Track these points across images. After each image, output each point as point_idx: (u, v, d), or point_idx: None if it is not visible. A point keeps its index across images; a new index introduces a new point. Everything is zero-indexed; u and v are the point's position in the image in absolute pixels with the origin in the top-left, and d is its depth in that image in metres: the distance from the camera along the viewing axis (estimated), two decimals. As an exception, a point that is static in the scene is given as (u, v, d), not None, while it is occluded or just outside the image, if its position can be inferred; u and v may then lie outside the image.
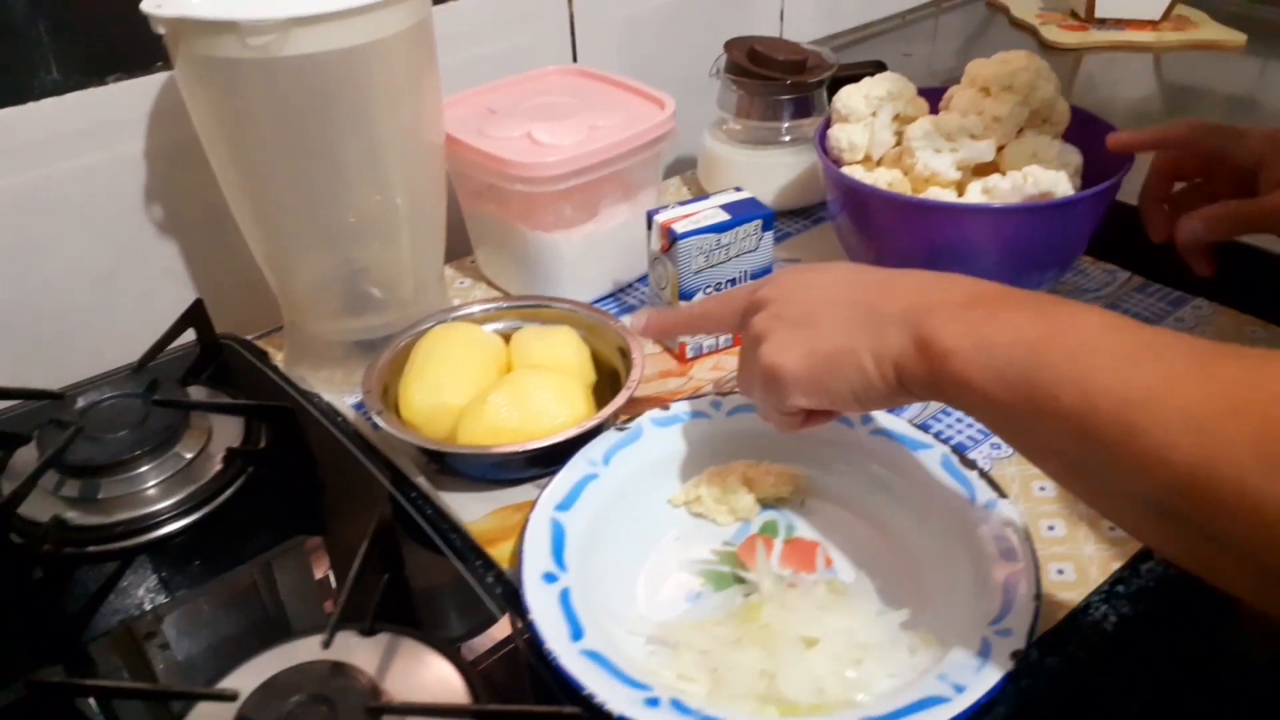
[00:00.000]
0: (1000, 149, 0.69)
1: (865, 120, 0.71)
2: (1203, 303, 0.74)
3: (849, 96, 0.71)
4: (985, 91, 0.69)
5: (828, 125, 0.75)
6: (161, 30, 0.57)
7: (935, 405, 0.66)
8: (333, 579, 0.58)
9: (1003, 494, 0.54)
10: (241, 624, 0.56)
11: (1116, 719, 0.54)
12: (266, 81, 0.57)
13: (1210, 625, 0.59)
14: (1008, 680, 0.44)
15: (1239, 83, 1.09)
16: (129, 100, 0.70)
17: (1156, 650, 0.55)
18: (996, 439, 0.63)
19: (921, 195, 0.69)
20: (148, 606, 0.55)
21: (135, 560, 0.58)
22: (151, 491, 0.60)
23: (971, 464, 0.56)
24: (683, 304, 0.66)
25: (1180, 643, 0.58)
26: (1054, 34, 1.17)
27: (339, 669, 0.46)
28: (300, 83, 0.57)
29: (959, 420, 0.65)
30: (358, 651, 0.48)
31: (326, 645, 0.46)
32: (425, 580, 0.57)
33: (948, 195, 0.68)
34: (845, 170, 0.71)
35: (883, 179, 0.70)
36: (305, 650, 0.47)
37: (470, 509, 0.59)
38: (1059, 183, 0.64)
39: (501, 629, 0.52)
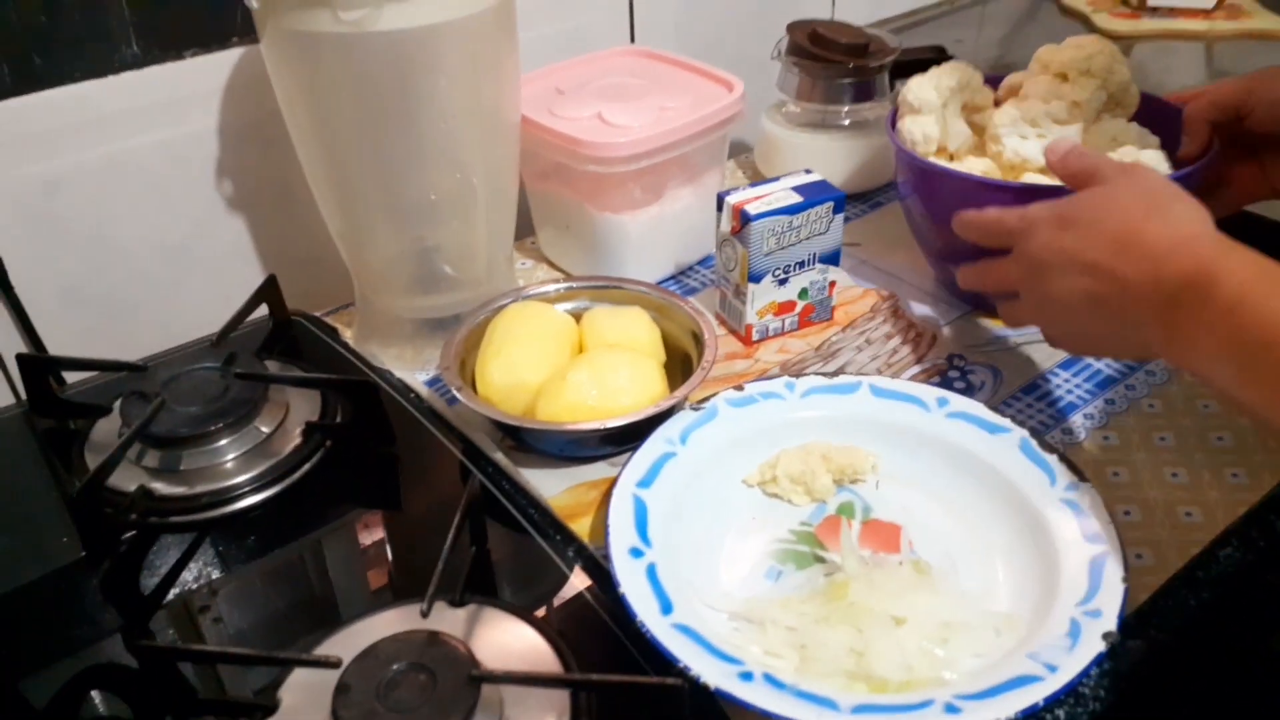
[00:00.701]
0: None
1: (937, 112, 0.70)
2: None
3: (920, 88, 0.71)
4: (1062, 77, 0.68)
5: (895, 115, 0.74)
6: (255, 4, 0.57)
7: (1005, 390, 0.66)
8: (389, 553, 0.59)
9: (1084, 477, 0.54)
10: (290, 601, 0.57)
11: (1198, 704, 0.54)
12: (354, 56, 0.57)
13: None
14: (1101, 660, 0.45)
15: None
16: (205, 75, 0.71)
17: (1237, 637, 0.55)
18: (1069, 424, 0.63)
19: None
20: (204, 581, 0.56)
21: (210, 532, 0.58)
22: (230, 464, 0.61)
23: (1052, 447, 0.56)
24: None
25: (1254, 634, 0.59)
26: (1105, 21, 1.17)
27: (436, 638, 0.46)
28: (387, 58, 0.58)
29: (1030, 405, 0.65)
30: (449, 622, 0.48)
31: (425, 614, 0.46)
32: (505, 551, 0.58)
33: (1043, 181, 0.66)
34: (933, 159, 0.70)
35: (975, 169, 0.69)
36: (400, 620, 0.48)
37: (546, 485, 0.60)
38: (1160, 163, 0.64)
39: (571, 598, 0.52)
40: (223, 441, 0.61)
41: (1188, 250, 0.47)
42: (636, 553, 0.51)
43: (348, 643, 0.47)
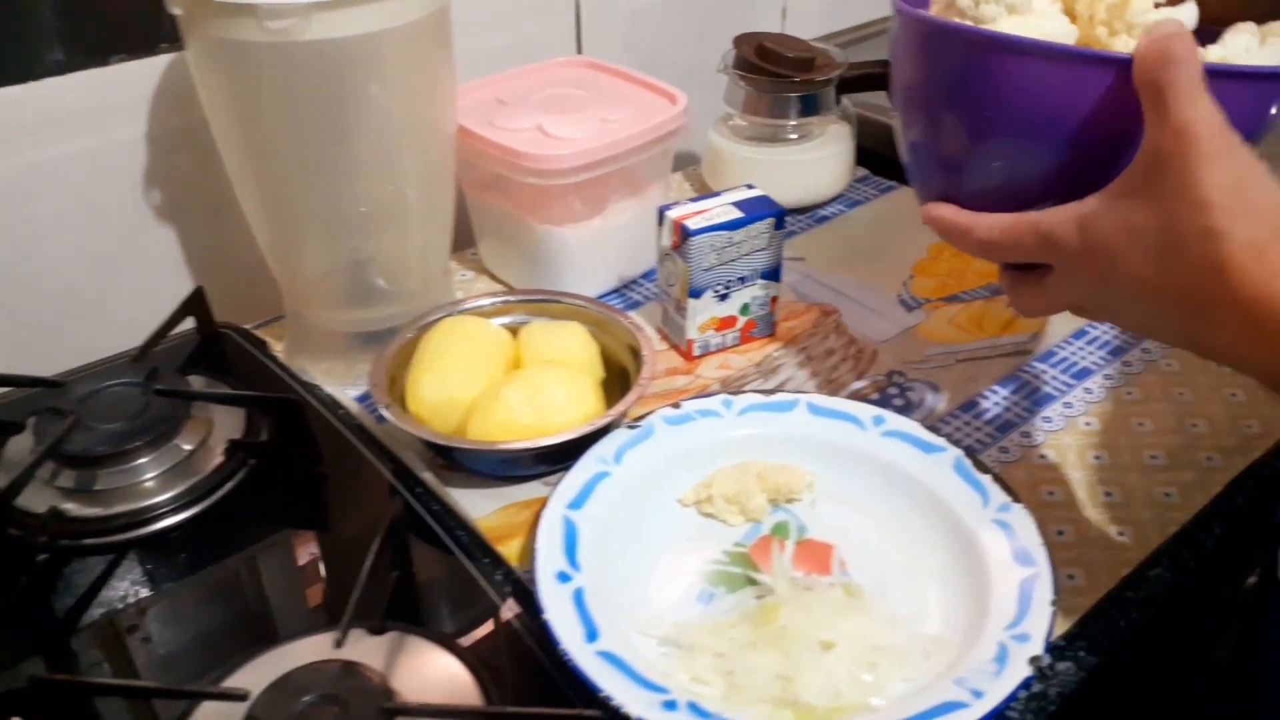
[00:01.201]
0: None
1: None
2: None
3: None
4: None
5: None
6: (178, 11, 0.56)
7: (944, 408, 0.66)
8: (322, 569, 0.57)
9: (1017, 498, 0.54)
10: (224, 619, 0.56)
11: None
12: (282, 66, 0.56)
13: (1219, 631, 0.60)
14: (1026, 685, 0.44)
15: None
16: (132, 82, 0.69)
17: (1165, 657, 0.55)
18: (1005, 443, 0.63)
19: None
20: (131, 600, 0.54)
21: (130, 553, 0.57)
22: (150, 484, 0.59)
23: (985, 467, 0.56)
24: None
25: (1189, 649, 0.59)
26: None
27: (350, 668, 0.45)
28: (316, 68, 0.56)
29: (967, 424, 0.65)
30: (367, 650, 0.47)
31: (339, 644, 0.45)
32: (428, 575, 0.56)
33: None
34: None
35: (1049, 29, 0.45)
36: (314, 649, 0.47)
37: (477, 505, 0.58)
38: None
39: (501, 625, 0.51)
40: (141, 460, 0.59)
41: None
42: (564, 577, 0.50)
43: (261, 672, 0.45)
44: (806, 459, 0.59)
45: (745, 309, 0.71)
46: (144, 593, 0.54)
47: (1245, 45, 0.43)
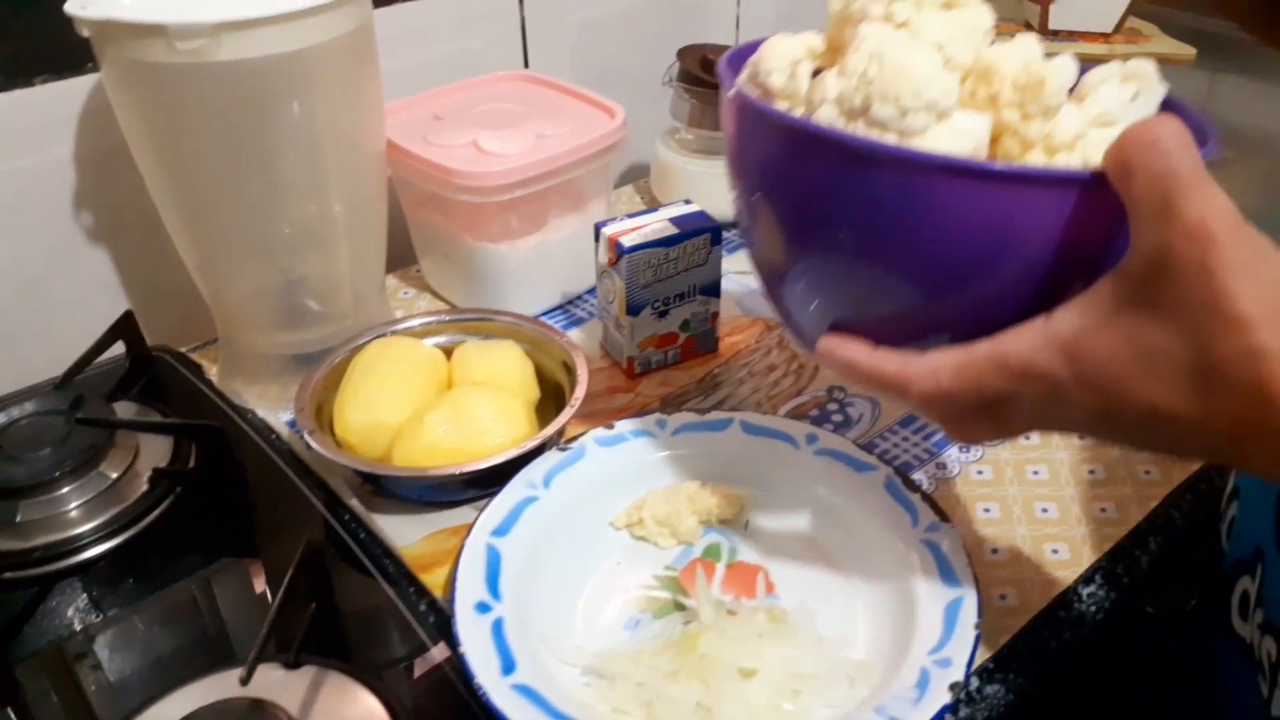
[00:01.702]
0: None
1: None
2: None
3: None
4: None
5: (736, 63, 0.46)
6: (86, 33, 0.55)
7: (882, 423, 0.65)
8: (269, 596, 0.56)
9: (945, 518, 0.53)
10: (178, 642, 0.54)
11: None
12: (196, 87, 0.55)
13: (1152, 650, 0.59)
14: (946, 712, 0.44)
15: (1189, 95, 1.10)
16: (58, 102, 0.68)
17: (1098, 675, 0.54)
18: (944, 458, 0.62)
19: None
20: (78, 627, 0.53)
21: (58, 584, 0.55)
22: (74, 514, 0.58)
23: (915, 486, 0.55)
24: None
25: (1123, 666, 0.58)
26: (1020, 36, 1.18)
27: (258, 707, 0.44)
28: (232, 88, 0.55)
29: (906, 439, 0.64)
30: (281, 686, 0.46)
31: (245, 681, 0.44)
32: (359, 605, 0.55)
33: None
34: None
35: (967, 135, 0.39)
36: (222, 686, 0.45)
37: (405, 532, 0.57)
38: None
39: (435, 658, 0.50)
40: (64, 490, 0.58)
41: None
42: (483, 607, 0.49)
43: (173, 708, 0.44)
44: (740, 479, 0.59)
45: (686, 325, 0.71)
46: (91, 619, 0.54)
47: (1117, 95, 0.40)
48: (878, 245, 0.39)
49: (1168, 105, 0.41)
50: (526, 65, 0.92)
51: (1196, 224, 0.31)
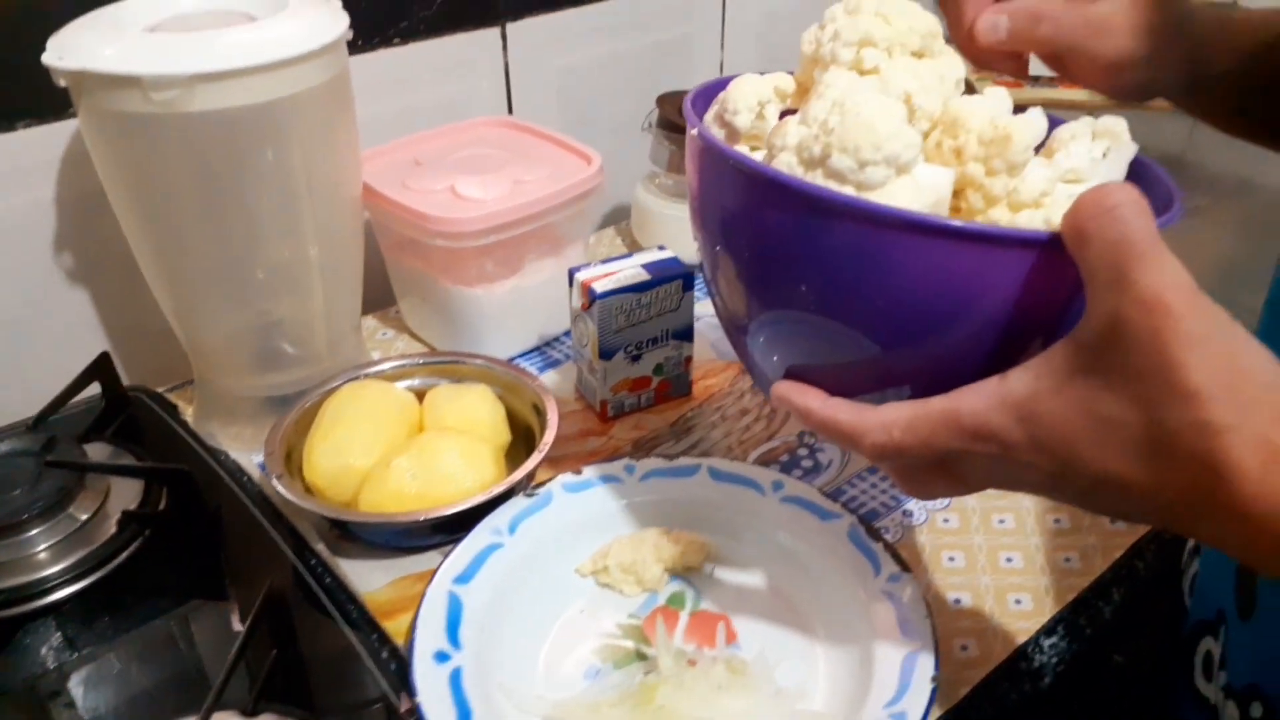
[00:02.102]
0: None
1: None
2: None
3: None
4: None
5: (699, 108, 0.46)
6: (63, 82, 0.56)
7: (851, 468, 0.65)
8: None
9: (906, 568, 0.53)
10: (154, 680, 0.55)
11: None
12: (172, 136, 0.56)
13: (1116, 702, 0.59)
14: (899, 769, 0.44)
15: (1169, 142, 1.11)
16: (40, 146, 0.69)
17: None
18: (910, 505, 0.63)
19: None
20: (51, 665, 0.53)
21: (28, 625, 0.55)
22: (42, 555, 0.58)
23: (878, 535, 0.55)
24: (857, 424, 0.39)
25: (1085, 719, 0.58)
26: (989, 89, 1.19)
27: (213, 755, 0.44)
28: (208, 137, 0.56)
29: (874, 485, 0.64)
30: (237, 735, 0.46)
31: (199, 731, 0.44)
32: (324, 651, 0.55)
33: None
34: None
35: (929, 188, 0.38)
36: (182, 734, 0.46)
37: (370, 578, 0.57)
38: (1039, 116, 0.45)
39: (398, 707, 0.50)
40: (33, 532, 0.58)
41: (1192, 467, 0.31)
42: (442, 656, 0.49)
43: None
44: (706, 526, 0.59)
45: (659, 369, 0.71)
46: (65, 657, 0.54)
47: (1087, 151, 0.40)
48: (830, 295, 0.38)
49: (1138, 164, 0.41)
50: (511, 110, 0.93)
51: (1151, 295, 0.31)
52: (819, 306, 0.39)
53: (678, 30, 1.04)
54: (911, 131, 0.37)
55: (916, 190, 0.37)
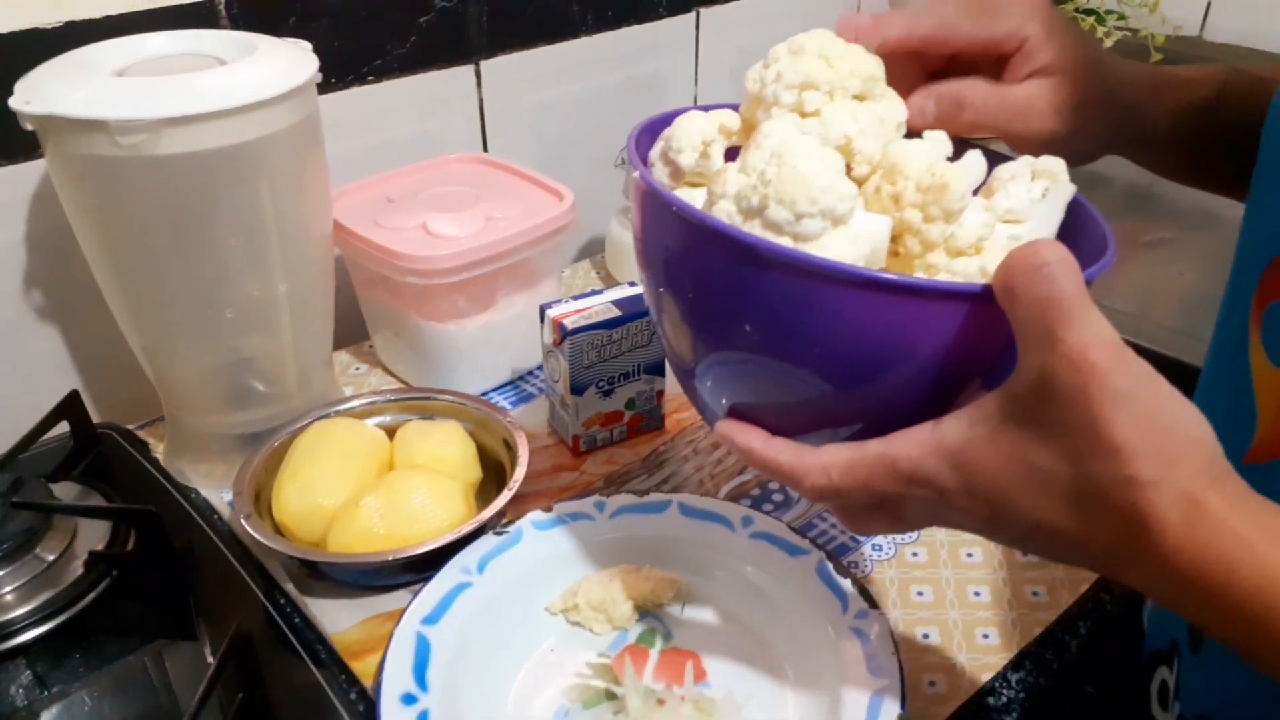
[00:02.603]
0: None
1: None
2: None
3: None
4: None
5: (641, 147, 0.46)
6: (30, 126, 0.56)
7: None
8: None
9: (874, 604, 0.54)
10: (127, 716, 0.54)
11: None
12: (140, 178, 0.56)
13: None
14: (864, 809, 0.44)
15: (1136, 174, 1.13)
16: (9, 186, 0.69)
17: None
18: (880, 539, 0.63)
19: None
20: (21, 704, 0.53)
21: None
22: (8, 597, 0.57)
23: (846, 571, 0.56)
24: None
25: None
26: (929, 132, 1.21)
27: (174, 804, 0.43)
28: (176, 179, 0.56)
29: (844, 520, 0.64)
30: (200, 782, 0.46)
31: (160, 780, 0.43)
32: (293, 692, 0.55)
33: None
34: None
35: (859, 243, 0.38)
36: (143, 781, 0.45)
37: (340, 618, 0.57)
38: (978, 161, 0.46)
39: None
40: (-1, 573, 0.58)
41: (1210, 561, 0.32)
42: (409, 699, 0.49)
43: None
44: (676, 563, 0.59)
45: (631, 404, 0.72)
46: (35, 695, 0.53)
47: (1026, 192, 0.41)
48: (767, 340, 0.39)
49: (1075, 204, 0.42)
50: (485, 146, 0.94)
51: (1078, 353, 0.31)
52: (758, 349, 0.39)
53: (650, 66, 1.05)
54: (847, 184, 0.38)
55: (852, 241, 0.38)
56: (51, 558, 0.59)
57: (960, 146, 0.43)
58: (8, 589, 0.58)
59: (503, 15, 0.89)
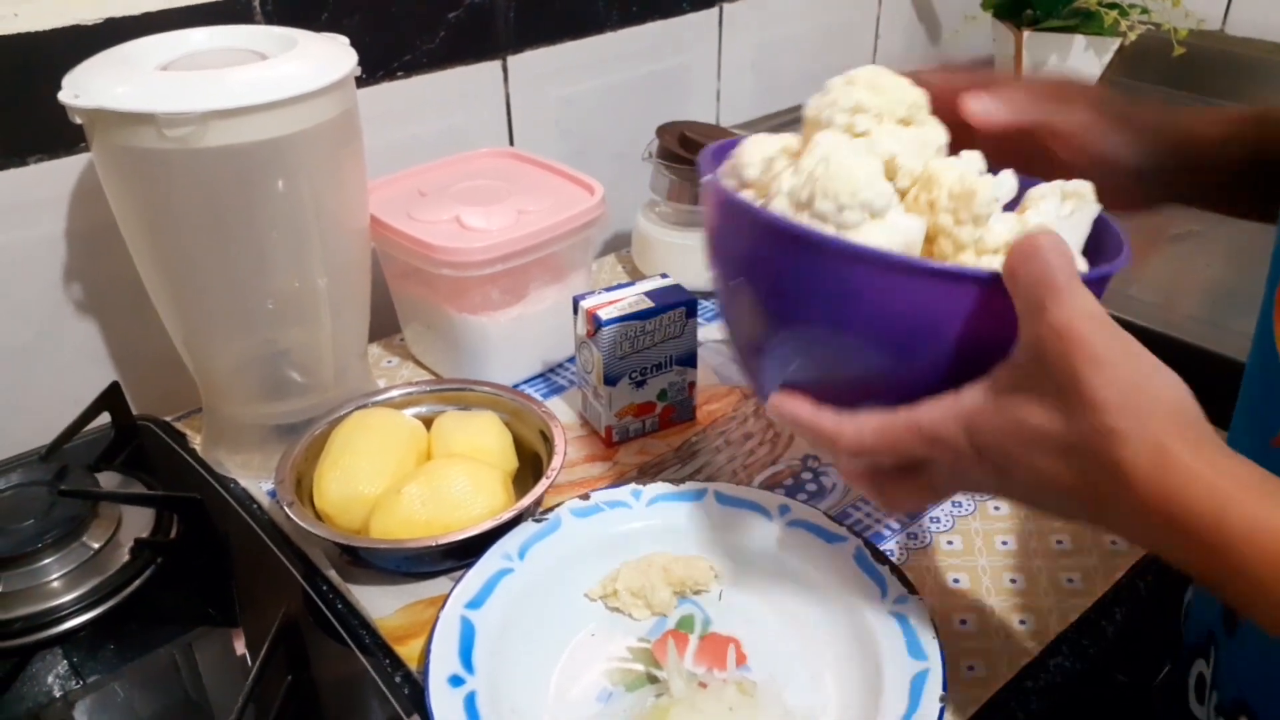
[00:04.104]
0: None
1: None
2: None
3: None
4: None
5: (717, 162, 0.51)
6: (79, 120, 0.57)
7: (854, 494, 0.66)
8: (249, 662, 0.57)
9: (913, 590, 0.54)
10: (158, 707, 0.55)
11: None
12: (185, 171, 0.57)
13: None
14: (910, 787, 0.44)
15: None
16: (51, 181, 0.70)
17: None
18: (915, 529, 0.63)
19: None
20: (58, 694, 0.54)
21: (38, 654, 0.56)
22: (55, 584, 0.58)
23: (884, 558, 0.56)
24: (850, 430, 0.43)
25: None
26: (966, 152, 1.21)
27: (231, 782, 0.44)
28: (220, 172, 0.57)
29: (877, 509, 0.65)
30: (253, 761, 0.46)
31: (217, 758, 0.44)
32: (335, 676, 0.56)
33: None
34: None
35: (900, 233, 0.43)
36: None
37: (382, 603, 0.58)
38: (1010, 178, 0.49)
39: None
40: (46, 560, 0.59)
41: (1192, 508, 0.35)
42: (456, 680, 0.50)
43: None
44: (713, 550, 0.60)
45: (663, 395, 0.72)
46: (71, 686, 0.54)
47: (1055, 210, 0.45)
48: (812, 321, 0.44)
49: (1100, 221, 0.47)
50: (511, 140, 0.95)
51: (1063, 324, 0.37)
52: (801, 329, 0.45)
53: (674, 61, 1.06)
54: (885, 184, 0.43)
55: (889, 232, 0.43)
56: (97, 545, 0.60)
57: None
58: (55, 575, 0.59)
59: (529, 11, 0.90)
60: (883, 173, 0.43)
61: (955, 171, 0.43)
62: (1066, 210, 0.45)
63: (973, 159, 0.45)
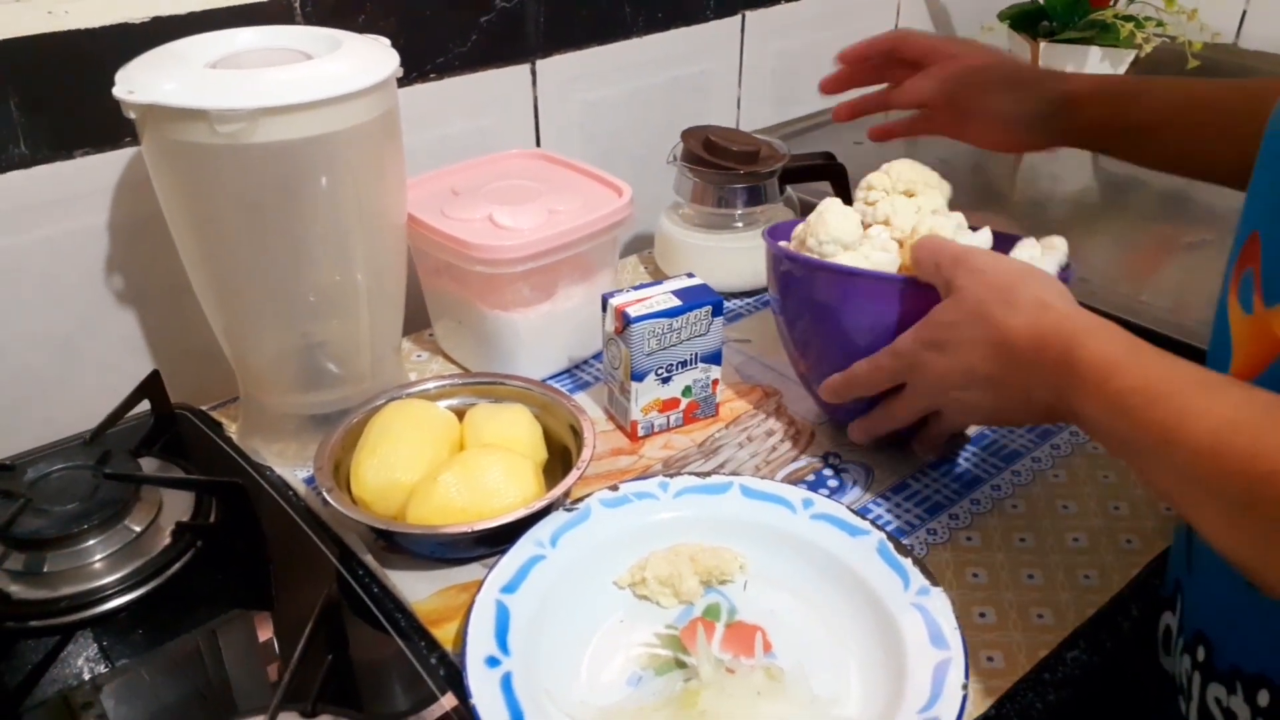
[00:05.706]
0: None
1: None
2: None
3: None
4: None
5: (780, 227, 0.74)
6: (133, 115, 0.59)
7: (876, 489, 0.68)
8: (276, 647, 0.58)
9: (935, 582, 0.56)
10: (182, 693, 0.56)
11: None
12: (234, 165, 0.59)
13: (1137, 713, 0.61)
14: (934, 770, 0.46)
15: (1174, 180, 1.14)
16: (95, 174, 0.72)
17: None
18: (934, 525, 0.65)
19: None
20: (86, 676, 0.55)
21: (78, 634, 0.58)
22: (98, 565, 0.60)
23: (906, 551, 0.58)
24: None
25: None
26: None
27: (278, 753, 0.46)
28: (267, 167, 0.59)
29: (898, 505, 0.67)
30: (299, 734, 0.48)
31: (267, 729, 0.46)
32: (371, 657, 0.57)
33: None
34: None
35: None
36: (247, 732, 0.48)
37: (417, 588, 0.60)
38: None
39: (444, 708, 0.52)
40: (90, 542, 0.60)
41: (1052, 341, 0.51)
42: (493, 662, 0.51)
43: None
44: (739, 541, 0.61)
45: (688, 391, 0.74)
46: (99, 669, 0.55)
47: (1030, 255, 0.64)
48: (817, 319, 0.68)
49: (1065, 266, 0.65)
50: (539, 142, 0.97)
51: (951, 256, 0.59)
52: (823, 325, 0.67)
53: (697, 67, 1.08)
54: (855, 226, 0.66)
55: (860, 260, 0.65)
56: (139, 529, 0.62)
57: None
58: (98, 557, 0.60)
59: (559, 16, 0.92)
60: (857, 223, 0.67)
61: (927, 224, 0.65)
62: (1038, 253, 0.64)
63: (958, 220, 0.65)
